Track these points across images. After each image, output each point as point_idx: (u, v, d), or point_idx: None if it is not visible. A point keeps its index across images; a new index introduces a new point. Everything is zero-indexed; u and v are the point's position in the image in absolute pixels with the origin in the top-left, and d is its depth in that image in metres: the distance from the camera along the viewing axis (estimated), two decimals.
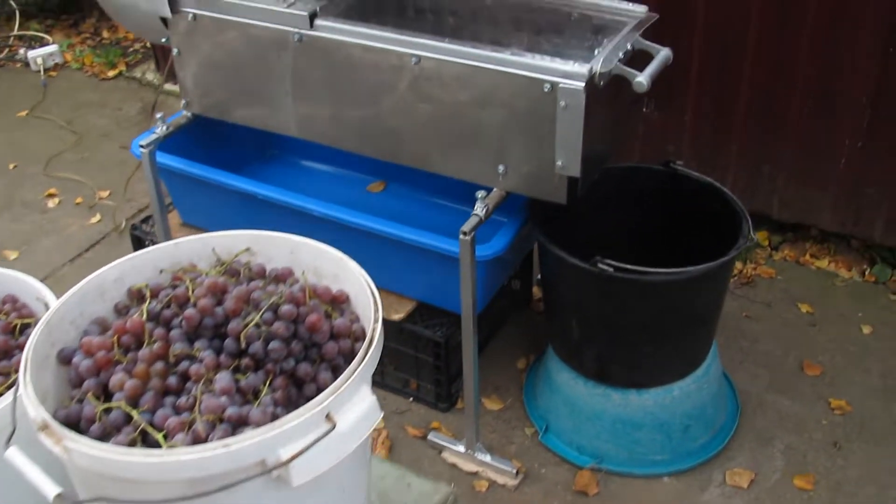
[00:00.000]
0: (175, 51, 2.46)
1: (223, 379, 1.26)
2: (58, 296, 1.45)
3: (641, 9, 2.23)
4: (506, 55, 2.01)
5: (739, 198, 3.14)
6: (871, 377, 2.64)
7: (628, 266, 2.06)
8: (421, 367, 2.58)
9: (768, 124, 2.99)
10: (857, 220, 3.00)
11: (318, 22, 2.20)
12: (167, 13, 2.37)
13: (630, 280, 2.07)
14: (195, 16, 2.35)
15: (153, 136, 2.47)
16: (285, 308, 1.34)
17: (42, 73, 4.40)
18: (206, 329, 1.35)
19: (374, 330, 1.32)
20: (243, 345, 1.31)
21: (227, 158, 2.93)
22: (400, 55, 2.11)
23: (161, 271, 1.48)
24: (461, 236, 2.08)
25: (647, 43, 2.13)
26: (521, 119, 2.05)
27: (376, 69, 2.17)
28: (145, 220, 2.93)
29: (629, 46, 2.09)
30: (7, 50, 4.69)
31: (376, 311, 1.35)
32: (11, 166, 3.77)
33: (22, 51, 4.57)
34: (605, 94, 2.04)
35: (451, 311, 2.49)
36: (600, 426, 2.37)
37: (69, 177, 3.68)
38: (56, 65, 4.49)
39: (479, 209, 2.11)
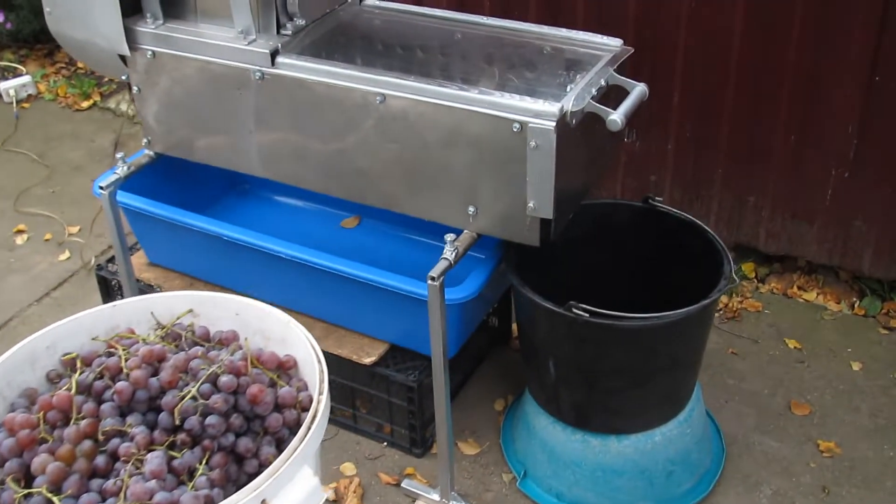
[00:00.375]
0: (135, 88, 2.38)
1: (153, 460, 1.16)
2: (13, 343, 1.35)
3: (616, 42, 2.15)
4: (473, 94, 1.93)
5: (725, 228, 3.09)
6: (861, 417, 2.55)
7: (604, 311, 1.97)
8: (394, 411, 2.49)
9: (753, 154, 2.91)
10: (844, 252, 2.92)
11: (279, 59, 2.12)
12: (125, 51, 2.29)
13: (606, 326, 1.99)
14: (154, 53, 2.27)
15: (113, 177, 2.38)
16: (224, 379, 1.25)
17: (14, 104, 4.32)
18: (140, 402, 1.26)
19: (318, 402, 1.24)
20: (178, 420, 1.22)
21: (199, 195, 2.85)
22: (364, 93, 2.03)
23: (94, 338, 1.39)
24: (429, 282, 1.99)
25: (622, 78, 2.05)
26: (490, 160, 1.97)
27: (340, 108, 2.09)
28: (111, 260, 2.84)
29: (603, 82, 2.02)
30: None
31: (322, 380, 1.27)
32: None
33: None
34: (578, 132, 1.96)
35: (424, 354, 2.40)
36: (580, 473, 2.28)
37: (39, 212, 3.59)
38: (29, 95, 4.41)
39: (449, 253, 2.02)
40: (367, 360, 2.41)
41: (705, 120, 2.92)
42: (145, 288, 2.71)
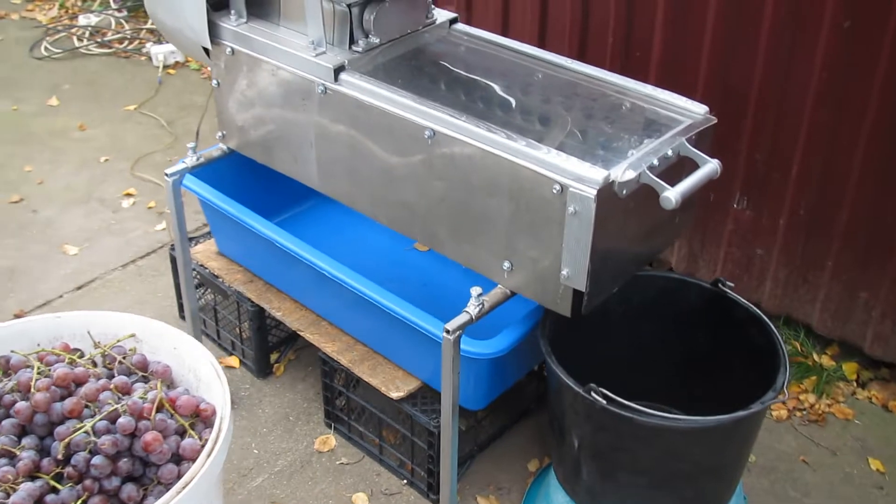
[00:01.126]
0: (215, 82, 2.37)
1: (21, 492, 1.11)
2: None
3: (700, 109, 1.95)
4: (520, 145, 1.79)
5: (830, 320, 2.80)
6: None
7: (622, 401, 1.79)
8: (416, 451, 2.39)
9: (871, 248, 2.61)
10: None
11: (343, 76, 2.05)
12: (207, 44, 2.29)
13: (623, 417, 1.81)
14: (233, 50, 2.26)
15: (181, 166, 2.39)
16: (123, 420, 1.18)
17: (161, 69, 4.47)
18: (40, 426, 1.21)
19: (202, 463, 1.15)
20: (61, 455, 1.17)
21: (286, 194, 2.85)
22: (416, 126, 1.93)
23: (38, 347, 1.35)
24: (444, 334, 1.88)
25: (694, 151, 1.86)
26: (528, 216, 1.82)
27: (393, 136, 2.00)
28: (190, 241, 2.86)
29: (670, 152, 1.83)
30: (137, 42, 4.81)
31: (217, 439, 1.18)
32: (103, 159, 3.83)
33: (149, 45, 4.68)
34: (631, 203, 1.79)
35: None
36: None
37: (151, 179, 3.69)
38: (176, 63, 4.56)
39: (472, 307, 1.90)
40: (395, 395, 2.31)
41: (823, 201, 2.64)
42: (209, 276, 2.72)
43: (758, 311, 2.07)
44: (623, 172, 1.72)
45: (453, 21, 2.30)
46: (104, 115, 4.19)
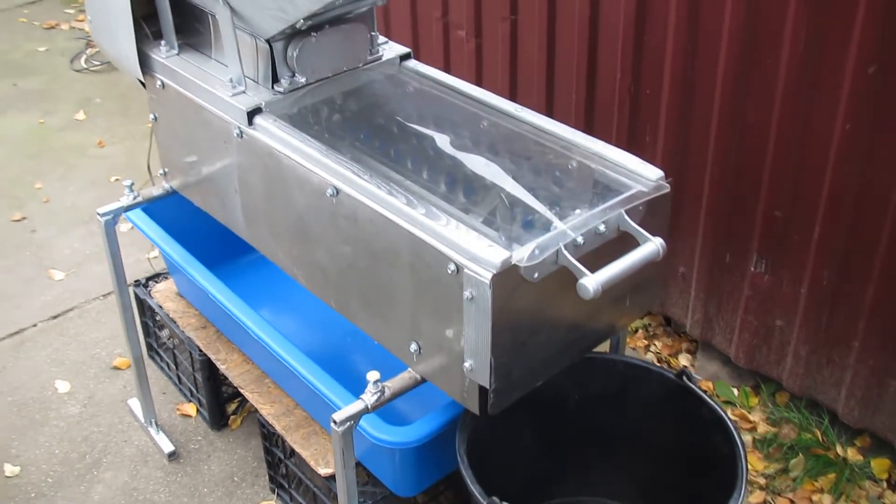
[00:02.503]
0: (152, 116, 2.19)
1: None
2: None
3: (653, 174, 1.64)
4: (417, 213, 1.53)
5: (857, 408, 2.41)
6: None
7: None
8: None
9: None
10: None
11: (257, 120, 1.83)
12: (139, 74, 2.10)
13: None
14: (163, 83, 2.06)
15: (115, 205, 2.21)
16: None
17: None
18: None
19: None
20: None
21: None
22: (320, 181, 1.69)
23: None
24: (332, 425, 1.63)
25: (634, 226, 1.55)
26: (430, 295, 1.56)
27: (301, 190, 1.76)
28: (151, 278, 2.70)
29: (602, 226, 1.53)
30: None
31: None
32: (113, 179, 3.74)
33: None
34: (548, 287, 1.50)
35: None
36: None
37: None
38: None
39: (368, 395, 1.64)
40: (323, 471, 2.07)
41: (848, 271, 2.27)
42: (165, 319, 2.55)
43: (724, 413, 1.74)
44: (530, 253, 1.44)
45: (405, 57, 2.05)
46: (127, 131, 4.10)
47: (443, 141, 1.81)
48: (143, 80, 2.13)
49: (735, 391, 2.69)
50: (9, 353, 2.87)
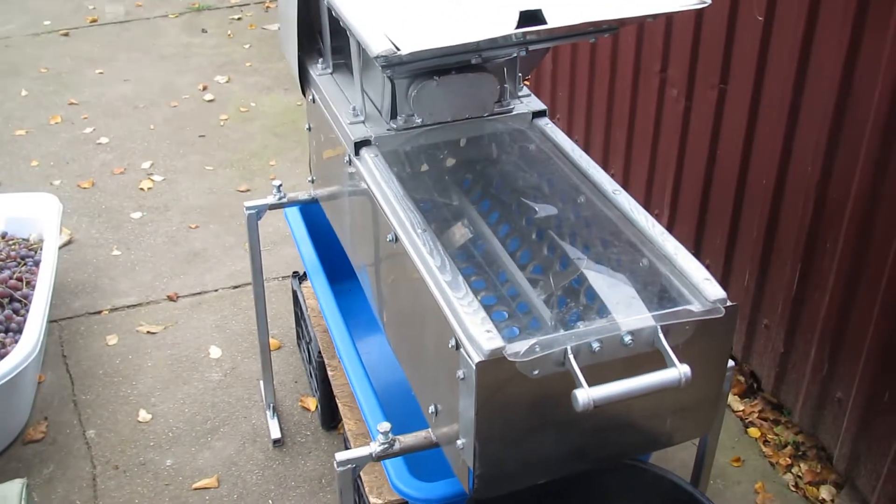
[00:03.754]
0: (307, 125, 2.31)
1: None
2: None
3: (713, 293, 1.48)
4: (443, 277, 1.50)
5: None
6: None
7: None
8: None
9: None
10: None
11: (363, 152, 1.87)
12: (300, 87, 2.23)
13: None
14: (314, 98, 2.17)
15: (261, 202, 2.36)
16: None
17: None
18: None
19: None
20: None
21: None
22: (386, 223, 1.70)
23: None
24: (335, 465, 1.64)
25: (664, 345, 1.41)
26: (441, 362, 1.53)
27: (376, 226, 1.79)
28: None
29: (628, 338, 1.42)
30: None
31: None
32: None
33: None
34: (553, 387, 1.42)
35: None
36: None
37: None
38: None
39: (376, 445, 1.63)
40: (372, 500, 2.09)
41: None
42: (304, 314, 2.69)
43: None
44: (528, 348, 1.36)
45: (538, 114, 2.00)
46: None
47: (526, 210, 1.76)
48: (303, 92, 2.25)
49: None
50: (186, 310, 3.16)
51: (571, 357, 1.37)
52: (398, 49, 1.37)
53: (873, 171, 2.12)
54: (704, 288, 1.49)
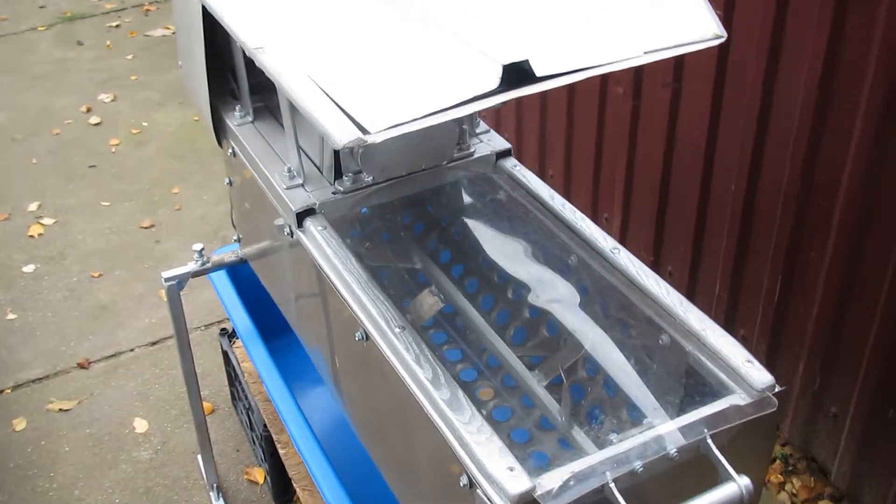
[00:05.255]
0: (227, 179, 1.99)
1: None
2: None
3: (761, 380, 1.25)
4: (440, 395, 1.23)
5: None
6: None
7: None
8: None
9: None
10: None
11: (308, 223, 1.57)
12: (214, 137, 1.91)
13: None
14: (234, 151, 1.85)
15: (182, 270, 2.04)
16: None
17: None
18: None
19: None
20: None
21: None
22: (352, 318, 1.42)
23: None
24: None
25: (717, 456, 1.18)
26: (445, 495, 1.26)
27: (337, 317, 1.50)
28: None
29: (674, 450, 1.18)
30: None
31: None
32: None
33: None
34: None
35: None
36: None
37: None
38: None
39: None
40: None
41: None
42: (240, 381, 2.39)
43: None
44: (562, 484, 1.11)
45: (503, 154, 1.73)
46: None
47: (511, 275, 1.51)
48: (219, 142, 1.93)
49: None
50: (101, 378, 2.80)
51: (614, 488, 1.13)
52: (367, 133, 1.08)
53: (867, 159, 1.94)
54: (748, 374, 1.26)
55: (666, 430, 1.19)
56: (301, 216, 1.58)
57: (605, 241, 1.50)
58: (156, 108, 4.30)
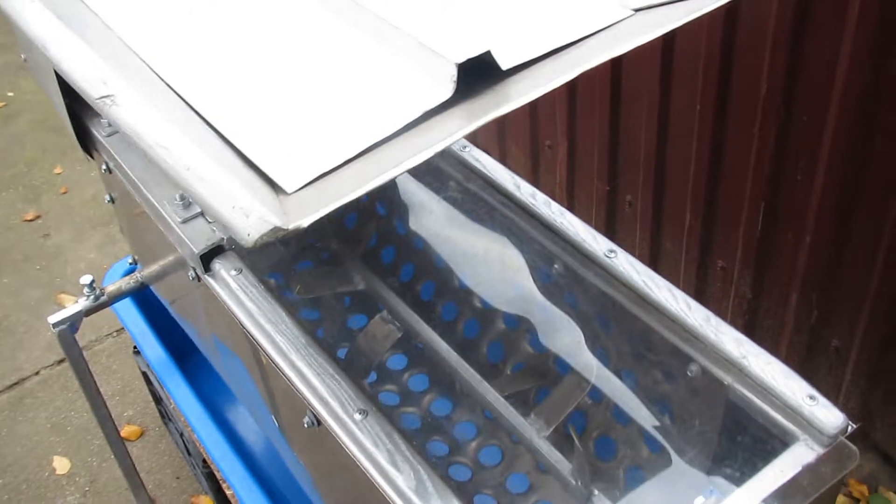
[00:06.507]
0: (107, 196, 1.62)
1: None
2: None
3: (830, 422, 0.98)
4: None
5: None
6: None
7: None
8: None
9: None
10: None
11: (216, 266, 1.23)
12: (79, 149, 1.53)
13: None
14: (108, 168, 1.48)
15: (73, 310, 1.67)
16: None
17: None
18: None
19: None
20: None
21: None
22: (295, 398, 1.10)
23: None
24: None
25: None
26: None
27: (277, 387, 1.18)
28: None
29: None
30: None
31: None
32: None
33: None
34: None
35: None
36: None
37: None
38: None
39: None
40: None
41: None
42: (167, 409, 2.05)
43: None
44: None
45: None
46: None
47: (489, 298, 1.20)
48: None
49: None
50: (6, 413, 2.43)
51: None
52: (286, 226, 0.73)
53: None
54: (814, 415, 0.99)
55: None
56: (207, 258, 1.23)
57: (596, 242, 1.19)
58: (21, 73, 3.77)
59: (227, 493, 1.85)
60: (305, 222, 0.72)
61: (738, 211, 2.08)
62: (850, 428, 0.98)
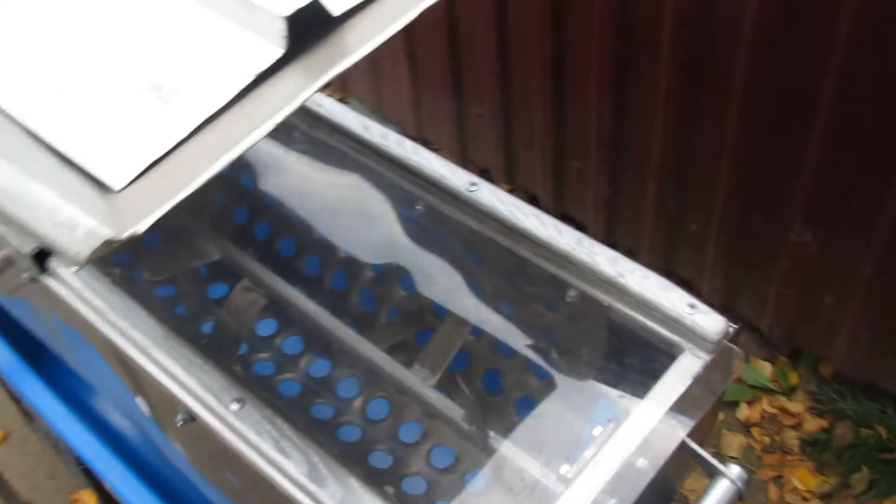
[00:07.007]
0: None
1: None
2: None
3: (712, 328, 0.98)
4: (321, 491, 0.88)
5: None
6: None
7: None
8: None
9: None
10: None
11: (53, 266, 1.11)
12: None
13: None
14: None
15: None
16: None
17: None
18: None
19: None
20: None
21: None
22: (165, 394, 1.02)
23: None
24: None
25: (702, 454, 0.92)
26: None
27: (139, 387, 1.10)
28: None
29: (642, 462, 0.90)
30: None
31: None
32: None
33: None
34: None
35: None
36: None
37: None
38: None
39: None
40: None
41: None
42: None
43: None
44: None
45: None
46: None
47: (350, 246, 1.14)
48: None
49: (769, 367, 2.15)
50: None
51: None
52: (119, 236, 0.64)
53: None
54: (696, 323, 0.99)
55: (625, 459, 0.90)
56: (41, 257, 1.11)
57: (456, 177, 1.15)
58: None
59: (107, 487, 1.76)
60: (141, 227, 0.63)
61: (586, 113, 2.08)
62: (730, 330, 0.98)
